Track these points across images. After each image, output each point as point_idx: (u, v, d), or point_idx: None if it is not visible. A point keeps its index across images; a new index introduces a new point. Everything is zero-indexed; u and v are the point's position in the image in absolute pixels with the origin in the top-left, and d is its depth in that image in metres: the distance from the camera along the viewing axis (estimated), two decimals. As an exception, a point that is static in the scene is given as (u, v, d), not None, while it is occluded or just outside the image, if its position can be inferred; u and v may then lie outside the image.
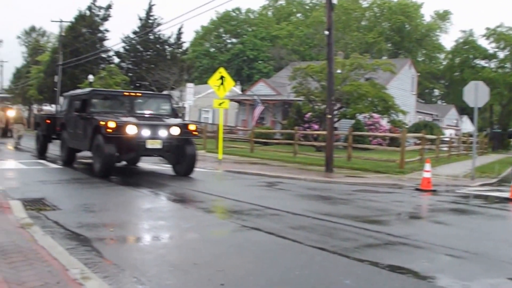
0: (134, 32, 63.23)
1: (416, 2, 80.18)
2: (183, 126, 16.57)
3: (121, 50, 63.32)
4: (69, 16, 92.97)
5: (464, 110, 65.98)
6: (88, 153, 17.53)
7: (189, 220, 9.43)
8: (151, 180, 16.04)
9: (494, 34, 68.73)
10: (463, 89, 19.73)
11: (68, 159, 19.23)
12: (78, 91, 21.91)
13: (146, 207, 10.85)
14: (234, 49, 77.52)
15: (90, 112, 16.77)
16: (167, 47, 65.54)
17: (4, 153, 23.96)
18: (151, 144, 15.62)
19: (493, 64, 71.63)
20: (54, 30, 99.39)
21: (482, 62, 72.61)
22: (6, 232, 7.22)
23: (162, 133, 15.84)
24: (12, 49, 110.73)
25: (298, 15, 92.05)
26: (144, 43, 62.82)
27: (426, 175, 15.52)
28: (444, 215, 11.63)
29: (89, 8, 61.56)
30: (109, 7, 62.37)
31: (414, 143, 33.97)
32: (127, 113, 16.96)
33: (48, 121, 22.06)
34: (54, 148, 22.56)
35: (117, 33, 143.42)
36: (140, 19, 63.92)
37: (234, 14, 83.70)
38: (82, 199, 11.45)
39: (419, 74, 56.91)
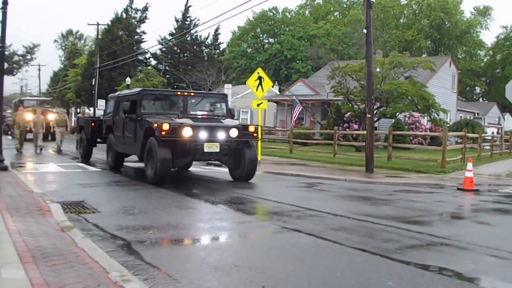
0: (171, 34, 63.51)
1: (455, -2, 78.97)
2: (242, 128, 15.51)
3: (158, 52, 63.72)
4: (106, 19, 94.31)
5: (506, 107, 64.78)
6: (133, 157, 17.59)
7: (230, 222, 9.45)
8: (190, 182, 16.13)
9: (536, 29, 67.51)
10: (505, 86, 19.34)
11: (116, 164, 18.35)
12: (126, 91, 20.61)
13: (186, 209, 10.87)
14: (271, 49, 77.43)
15: (141, 113, 15.74)
16: (204, 48, 65.78)
17: (44, 157, 24.18)
18: (208, 148, 14.54)
19: (536, 60, 70.34)
20: (90, 33, 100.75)
21: (525, 58, 71.36)
22: (46, 235, 7.32)
23: (220, 135, 14.75)
24: (49, 53, 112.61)
25: (336, 13, 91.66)
26: (181, 45, 63.09)
27: (468, 174, 15.26)
28: (487, 215, 11.44)
29: (126, 11, 61.91)
30: (145, 9, 62.70)
31: (455, 142, 33.51)
32: (180, 114, 15.90)
33: (93, 124, 21.01)
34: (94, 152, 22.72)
35: (153, 35, 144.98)
36: (177, 21, 64.29)
37: (271, 14, 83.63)
38: (122, 201, 11.58)
39: (459, 71, 56.02)
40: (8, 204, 9.61)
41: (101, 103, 47.31)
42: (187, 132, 14.13)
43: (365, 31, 20.02)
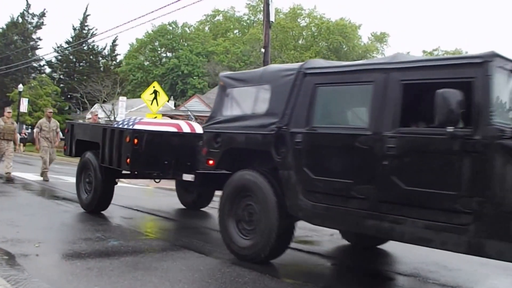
0: (67, 42, 62.61)
1: (354, 23, 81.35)
2: None
3: (53, 60, 62.65)
4: (0, 23, 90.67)
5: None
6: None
7: (117, 234, 8.57)
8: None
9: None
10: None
11: (282, 243, 7.31)
12: (362, 63, 7.70)
13: (74, 222, 10.29)
14: (169, 64, 76.61)
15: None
16: (100, 58, 65.19)
17: None
18: None
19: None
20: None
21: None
22: None
23: None
24: None
25: (235, 31, 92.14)
26: (77, 54, 62.27)
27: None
28: None
29: (22, 15, 60.62)
30: (42, 15, 61.78)
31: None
32: None
33: (136, 141, 10.00)
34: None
35: (50, 42, 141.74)
36: (74, 29, 63.45)
37: (170, 28, 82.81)
38: (7, 213, 10.61)
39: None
40: None
41: (-9, 110, 44.98)
42: None
43: (263, 50, 19.98)
